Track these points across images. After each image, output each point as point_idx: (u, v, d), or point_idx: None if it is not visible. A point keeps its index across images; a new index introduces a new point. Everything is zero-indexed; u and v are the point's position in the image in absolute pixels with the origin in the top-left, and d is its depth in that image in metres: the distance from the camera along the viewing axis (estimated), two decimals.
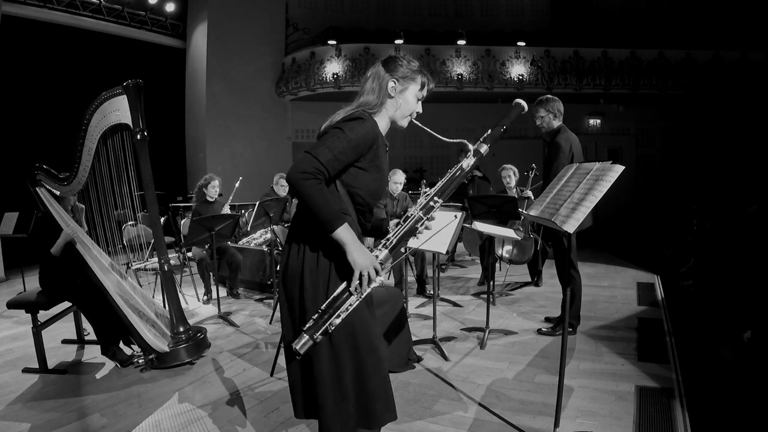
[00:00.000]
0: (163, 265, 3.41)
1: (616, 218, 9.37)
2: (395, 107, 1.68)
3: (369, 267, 1.49)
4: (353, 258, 1.48)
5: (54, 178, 3.45)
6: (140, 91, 3.24)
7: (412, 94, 1.69)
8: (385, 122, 1.71)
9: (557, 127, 3.64)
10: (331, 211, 1.47)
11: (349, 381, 1.57)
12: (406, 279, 4.44)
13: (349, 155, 1.54)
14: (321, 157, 1.48)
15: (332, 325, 1.49)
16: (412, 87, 1.68)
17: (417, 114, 1.74)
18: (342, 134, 1.53)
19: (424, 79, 1.70)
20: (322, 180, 1.48)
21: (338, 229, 1.48)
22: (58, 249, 3.30)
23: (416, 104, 1.71)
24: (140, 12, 9.20)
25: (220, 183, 5.28)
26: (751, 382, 2.92)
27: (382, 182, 1.68)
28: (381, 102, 1.67)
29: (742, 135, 9.89)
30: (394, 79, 1.66)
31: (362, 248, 1.51)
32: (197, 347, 3.39)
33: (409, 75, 1.68)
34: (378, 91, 1.66)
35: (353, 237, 1.50)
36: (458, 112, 10.42)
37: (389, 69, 1.68)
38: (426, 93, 1.73)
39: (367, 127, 1.57)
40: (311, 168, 1.46)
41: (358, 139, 1.54)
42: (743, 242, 4.94)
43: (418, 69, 1.70)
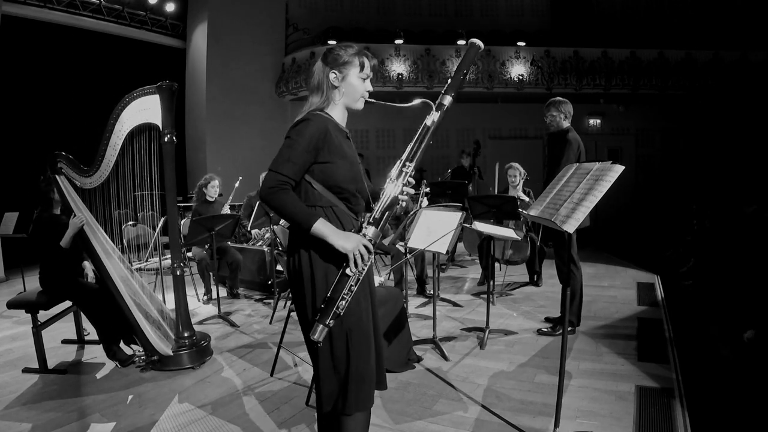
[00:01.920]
0: (176, 269, 3.40)
1: (616, 218, 9.37)
2: (341, 95, 1.75)
3: (356, 247, 1.58)
4: (338, 245, 1.57)
5: (77, 168, 3.47)
6: (173, 93, 3.25)
7: (354, 77, 1.73)
8: (340, 112, 1.78)
9: (566, 128, 3.70)
10: (302, 213, 1.59)
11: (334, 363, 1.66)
12: (406, 279, 4.44)
13: (305, 156, 1.63)
14: (280, 168, 1.61)
15: (340, 308, 1.57)
16: (352, 71, 1.73)
17: (368, 93, 1.79)
18: (292, 141, 1.64)
19: (362, 59, 1.74)
20: (288, 188, 1.60)
21: (314, 225, 1.58)
22: (68, 240, 3.31)
23: (362, 85, 1.75)
24: (140, 12, 9.19)
25: (220, 183, 5.28)
26: (751, 382, 2.92)
27: (352, 166, 1.72)
28: (328, 96, 1.74)
29: (742, 135, 9.88)
30: (334, 71, 1.72)
31: (344, 234, 1.60)
32: (200, 354, 3.39)
33: (346, 60, 1.72)
34: (322, 85, 1.74)
35: (331, 227, 1.60)
36: (458, 112, 10.41)
37: (327, 62, 1.74)
38: (370, 71, 1.76)
39: (312, 126, 1.64)
40: (274, 182, 1.59)
41: (308, 140, 1.63)
42: (743, 242, 4.94)
43: (355, 52, 1.74)
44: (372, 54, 1.80)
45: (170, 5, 9.55)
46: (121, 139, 3.31)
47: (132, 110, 3.28)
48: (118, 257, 3.56)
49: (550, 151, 3.89)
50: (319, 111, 1.74)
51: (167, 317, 3.61)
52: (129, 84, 4.30)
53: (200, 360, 3.35)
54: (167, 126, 3.23)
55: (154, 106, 3.23)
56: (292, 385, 3.00)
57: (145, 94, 3.25)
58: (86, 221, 3.41)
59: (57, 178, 3.51)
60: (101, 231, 3.58)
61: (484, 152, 10.28)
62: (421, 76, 9.45)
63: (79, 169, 3.46)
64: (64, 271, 3.41)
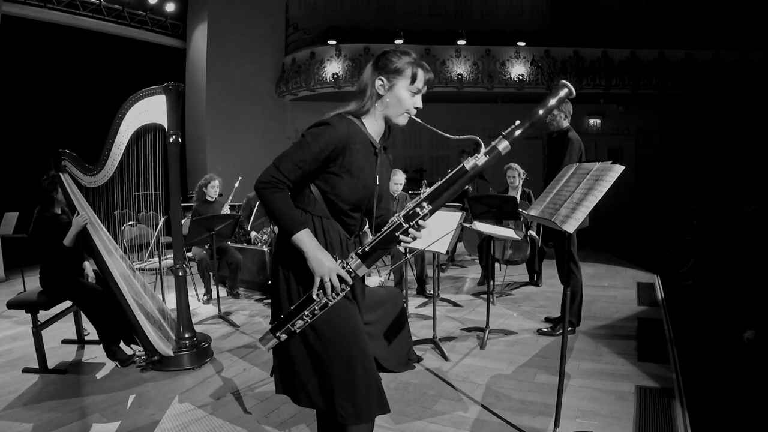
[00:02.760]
0: (178, 270, 3.40)
1: (616, 218, 9.38)
2: (384, 106, 1.58)
3: (328, 274, 1.46)
4: (311, 264, 1.47)
5: (81, 166, 3.47)
6: (180, 94, 3.25)
7: (402, 89, 1.56)
8: (378, 123, 1.62)
9: (566, 127, 3.70)
10: (289, 218, 1.49)
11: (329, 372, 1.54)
12: (406, 279, 4.44)
13: (310, 163, 1.51)
14: (281, 166, 1.50)
15: (295, 326, 1.50)
16: (401, 82, 1.55)
17: (416, 110, 1.60)
18: (304, 142, 1.52)
19: (415, 70, 1.55)
20: (282, 188, 1.50)
21: (297, 234, 1.48)
22: (71, 239, 3.31)
23: (411, 99, 1.57)
24: (140, 12, 9.19)
25: (220, 183, 5.28)
26: (751, 382, 2.92)
27: (359, 188, 1.57)
28: (369, 102, 1.58)
29: (742, 135, 9.88)
30: (381, 77, 1.56)
31: (322, 255, 1.47)
32: (200, 355, 3.38)
33: (398, 68, 1.55)
34: (365, 91, 1.58)
35: (313, 242, 1.49)
36: (458, 112, 10.42)
37: (377, 66, 1.58)
38: (424, 85, 1.58)
39: (332, 133, 1.50)
40: (270, 177, 1.50)
41: (320, 147, 1.50)
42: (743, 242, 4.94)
43: (410, 61, 1.56)
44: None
45: (170, 5, 9.55)
46: (126, 138, 3.31)
47: (138, 110, 3.28)
48: (120, 256, 3.57)
49: (551, 151, 3.89)
50: (352, 116, 1.58)
51: (168, 317, 3.61)
52: (129, 84, 4.31)
53: (200, 361, 3.35)
54: (173, 127, 3.24)
55: (160, 106, 3.23)
56: None
57: (152, 95, 3.25)
58: (89, 220, 3.42)
59: (61, 176, 3.51)
60: (104, 230, 3.58)
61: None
62: None
63: (84, 168, 3.46)
64: (65, 270, 3.41)
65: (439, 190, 1.47)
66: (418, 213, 1.46)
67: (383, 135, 1.68)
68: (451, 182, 1.46)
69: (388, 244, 1.49)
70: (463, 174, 1.45)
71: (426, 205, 1.46)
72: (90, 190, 3.51)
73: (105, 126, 3.38)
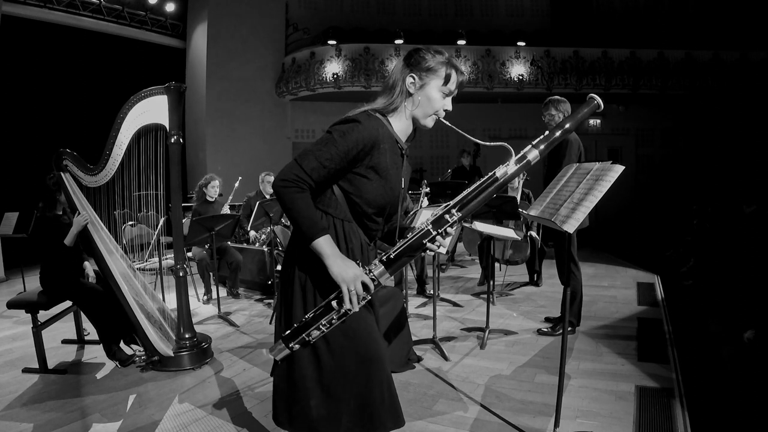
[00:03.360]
0: (178, 270, 3.40)
1: (616, 218, 9.37)
2: (415, 105, 1.51)
3: (352, 282, 1.37)
4: (333, 271, 1.38)
5: (82, 166, 3.47)
6: (181, 95, 3.25)
7: (434, 89, 1.50)
8: (404, 123, 1.55)
9: None
10: (310, 221, 1.39)
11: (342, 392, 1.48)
12: (406, 279, 4.44)
13: (337, 162, 1.42)
14: (305, 164, 1.40)
15: (311, 336, 1.42)
16: (433, 81, 1.50)
17: (446, 112, 1.56)
18: (331, 139, 1.43)
19: (449, 71, 1.50)
20: (304, 188, 1.40)
21: (317, 240, 1.39)
22: (72, 238, 3.31)
23: (441, 100, 1.52)
24: (140, 12, 9.19)
25: (220, 183, 5.28)
26: (751, 382, 2.92)
27: (385, 190, 1.50)
28: (398, 100, 1.51)
29: (742, 135, 9.89)
30: (412, 74, 1.49)
31: (344, 262, 1.39)
32: (201, 355, 3.38)
33: (432, 67, 1.49)
34: (395, 87, 1.51)
35: (334, 249, 1.40)
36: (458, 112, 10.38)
37: (409, 63, 1.52)
38: (455, 87, 1.54)
39: (361, 132, 1.43)
40: (292, 176, 1.39)
41: (348, 146, 1.42)
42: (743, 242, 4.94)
43: (443, 60, 1.51)
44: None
45: (170, 5, 9.55)
46: (127, 138, 3.31)
47: (139, 110, 3.28)
48: (120, 256, 3.57)
49: (550, 151, 3.88)
50: (380, 114, 1.51)
51: (168, 317, 3.61)
52: (129, 84, 4.31)
53: (200, 361, 3.35)
54: (174, 127, 3.24)
55: (162, 106, 3.23)
56: None
57: (153, 95, 3.25)
58: (90, 219, 3.42)
59: (62, 176, 3.51)
60: (104, 230, 3.59)
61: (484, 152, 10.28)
62: None
63: (85, 167, 3.46)
64: (65, 270, 3.41)
65: (469, 197, 1.42)
66: (447, 220, 1.40)
67: (409, 137, 1.60)
68: (482, 190, 1.43)
69: (415, 252, 1.42)
70: (494, 182, 1.42)
71: (455, 212, 1.41)
72: (91, 189, 3.52)
73: (105, 126, 3.38)
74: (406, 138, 1.58)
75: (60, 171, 3.51)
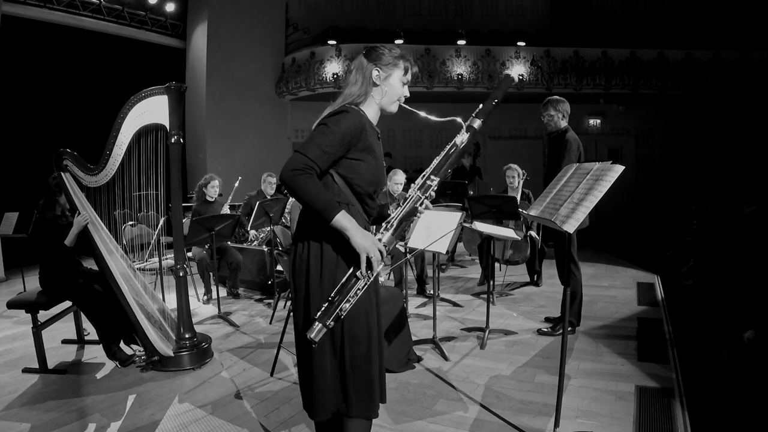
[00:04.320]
0: (179, 271, 3.40)
1: (616, 218, 9.37)
2: (381, 94, 1.72)
3: (372, 248, 1.53)
4: (356, 241, 1.52)
5: (83, 165, 3.47)
6: (182, 95, 3.25)
7: (396, 80, 1.72)
8: (374, 110, 1.75)
9: (564, 127, 3.68)
10: (325, 200, 1.52)
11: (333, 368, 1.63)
12: (406, 279, 4.44)
13: (337, 148, 1.58)
14: (309, 153, 1.54)
15: (343, 310, 1.52)
16: (396, 73, 1.72)
17: (405, 98, 1.78)
18: (327, 129, 1.58)
19: (406, 64, 1.74)
20: (312, 174, 1.53)
21: (336, 216, 1.52)
22: (72, 239, 3.31)
23: (402, 89, 1.75)
24: (140, 12, 9.19)
25: (220, 183, 5.28)
26: (751, 382, 2.92)
27: (378, 167, 1.70)
28: (366, 91, 1.71)
29: (742, 135, 9.89)
30: (378, 68, 1.70)
31: (364, 232, 1.54)
32: (201, 355, 3.38)
33: (392, 62, 1.71)
34: (362, 81, 1.71)
35: (353, 222, 1.54)
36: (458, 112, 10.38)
37: (372, 58, 1.71)
38: (410, 77, 1.77)
39: (351, 119, 1.61)
40: (300, 164, 1.52)
41: (344, 132, 1.58)
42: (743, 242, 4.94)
43: (400, 55, 1.74)
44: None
45: (170, 5, 9.55)
46: (128, 138, 3.31)
47: (140, 110, 3.28)
48: (120, 256, 3.57)
49: (550, 151, 3.88)
50: (355, 105, 1.70)
51: (168, 317, 3.61)
52: (129, 84, 4.31)
53: (200, 361, 3.35)
54: (174, 127, 3.24)
55: (162, 106, 3.23)
56: (292, 385, 3.00)
57: (153, 95, 3.25)
58: (90, 219, 3.42)
59: (62, 176, 3.51)
60: (105, 229, 3.59)
61: (484, 152, 10.29)
62: (421, 76, 9.43)
63: (85, 167, 3.46)
64: (65, 271, 3.41)
65: (440, 165, 1.68)
66: (430, 185, 1.67)
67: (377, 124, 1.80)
68: (448, 157, 1.69)
69: (410, 216, 1.67)
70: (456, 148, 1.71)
71: (434, 177, 1.67)
72: (91, 189, 3.52)
73: (105, 126, 3.38)
74: (376, 124, 1.78)
75: (60, 171, 3.51)
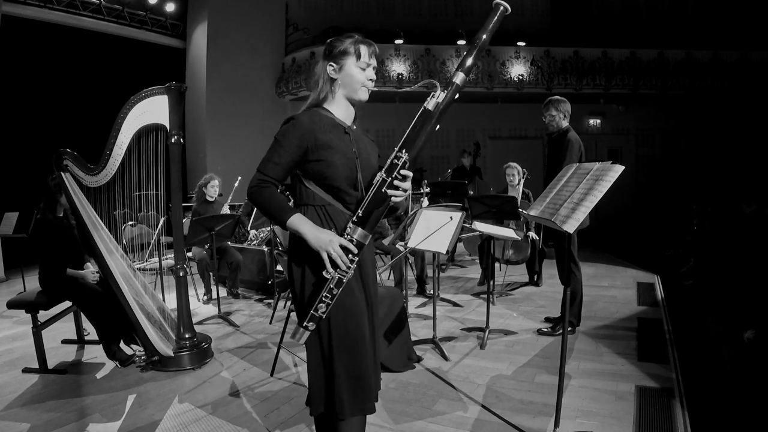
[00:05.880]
0: (179, 271, 3.39)
1: (616, 218, 9.37)
2: (341, 86, 1.68)
3: (330, 245, 1.50)
4: (311, 241, 1.52)
5: (83, 165, 3.46)
6: (182, 95, 3.25)
7: (352, 67, 1.65)
8: (343, 106, 1.70)
9: (566, 127, 3.69)
10: (278, 207, 1.57)
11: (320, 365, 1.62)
12: (406, 279, 4.44)
13: (289, 156, 1.60)
14: (262, 168, 1.61)
15: (318, 311, 1.52)
16: (348, 60, 1.65)
17: (371, 81, 1.69)
18: (276, 143, 1.62)
19: (357, 47, 1.65)
20: (268, 186, 1.59)
21: (289, 219, 1.55)
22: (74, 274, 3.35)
23: (362, 74, 1.66)
24: (140, 12, 9.19)
25: (220, 183, 5.28)
26: (751, 382, 2.92)
27: (344, 161, 1.61)
28: (327, 89, 1.68)
29: (742, 135, 9.89)
30: (330, 63, 1.67)
31: (318, 231, 1.53)
32: (201, 355, 3.38)
33: (342, 50, 1.65)
34: (320, 80, 1.69)
35: (307, 223, 1.55)
36: (458, 112, 10.41)
37: (325, 55, 1.69)
38: (369, 57, 1.66)
39: (297, 126, 1.60)
40: (255, 181, 1.61)
41: (291, 141, 1.59)
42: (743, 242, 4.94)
43: (351, 41, 1.66)
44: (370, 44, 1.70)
45: (170, 5, 9.54)
46: (128, 138, 3.31)
47: (140, 110, 3.28)
48: (120, 256, 3.56)
49: (550, 151, 3.88)
50: (315, 107, 1.68)
51: (168, 317, 3.61)
52: (129, 84, 4.31)
53: (200, 361, 3.35)
54: (174, 127, 3.24)
55: (162, 106, 3.23)
56: (292, 385, 3.00)
57: (154, 95, 3.25)
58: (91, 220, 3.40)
59: (63, 176, 3.51)
60: (104, 229, 3.58)
61: (484, 152, 10.28)
62: (421, 76, 9.44)
63: (85, 167, 3.45)
64: (65, 272, 3.41)
65: (411, 137, 1.52)
66: (396, 164, 1.51)
67: (354, 117, 1.75)
68: (420, 126, 1.53)
69: (381, 203, 1.53)
70: (429, 116, 1.53)
71: (402, 153, 1.51)
72: (91, 189, 3.51)
73: (105, 126, 3.38)
74: (351, 118, 1.72)
75: (60, 171, 3.51)
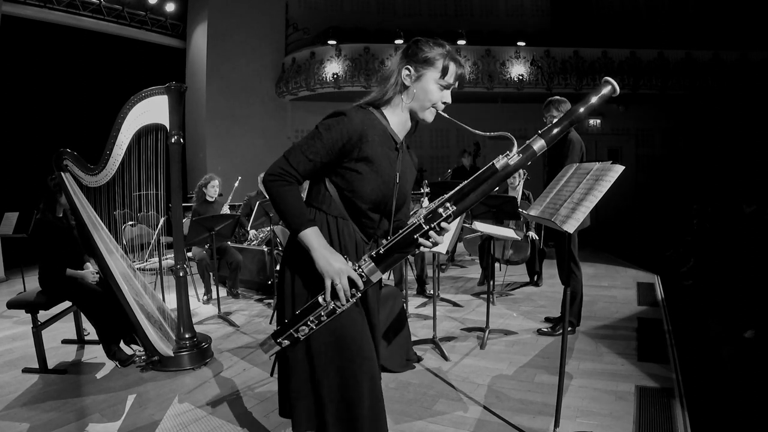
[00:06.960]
0: (179, 271, 3.39)
1: (616, 218, 9.37)
2: (410, 97, 1.46)
3: (339, 275, 1.35)
4: (319, 264, 1.36)
5: (83, 165, 3.46)
6: (182, 95, 3.25)
7: (430, 82, 1.44)
8: (401, 116, 1.50)
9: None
10: (296, 213, 1.39)
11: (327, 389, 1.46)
12: (406, 279, 4.44)
13: (323, 155, 1.41)
14: (291, 158, 1.41)
15: (298, 332, 1.40)
16: (430, 73, 1.44)
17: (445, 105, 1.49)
18: (317, 133, 1.42)
19: (447, 63, 1.43)
20: (291, 181, 1.40)
21: (303, 231, 1.38)
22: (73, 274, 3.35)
23: (439, 93, 1.46)
24: (140, 12, 9.19)
25: (220, 183, 5.28)
26: (751, 382, 2.92)
27: (381, 183, 1.43)
28: (393, 92, 1.47)
29: (742, 135, 9.88)
30: (408, 66, 1.44)
31: (331, 255, 1.37)
32: (201, 355, 3.38)
33: (429, 58, 1.43)
34: (389, 79, 1.47)
35: (321, 242, 1.38)
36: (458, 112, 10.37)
37: (407, 54, 1.47)
38: (454, 80, 1.47)
39: (346, 124, 1.40)
40: (278, 170, 1.41)
41: (334, 138, 1.39)
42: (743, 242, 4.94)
43: (442, 52, 1.44)
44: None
45: (170, 5, 9.54)
46: (128, 138, 3.31)
47: (140, 110, 3.28)
48: (120, 256, 3.56)
49: (551, 151, 3.87)
50: (372, 107, 1.48)
51: (168, 317, 3.60)
52: (129, 84, 4.31)
53: (201, 361, 3.35)
54: (174, 127, 3.24)
55: (162, 106, 3.23)
56: None
57: (154, 95, 3.25)
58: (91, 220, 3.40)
59: (63, 176, 3.51)
60: (104, 229, 3.58)
61: (484, 152, 10.28)
62: None
63: (85, 167, 3.45)
64: (64, 272, 3.41)
65: (465, 190, 1.34)
66: (440, 214, 1.33)
67: (409, 131, 1.56)
68: (479, 182, 1.34)
69: (407, 248, 1.35)
70: (493, 174, 1.34)
71: (450, 206, 1.34)
72: (91, 189, 3.51)
73: (105, 126, 3.38)
74: (405, 132, 1.54)
75: (60, 171, 3.51)
